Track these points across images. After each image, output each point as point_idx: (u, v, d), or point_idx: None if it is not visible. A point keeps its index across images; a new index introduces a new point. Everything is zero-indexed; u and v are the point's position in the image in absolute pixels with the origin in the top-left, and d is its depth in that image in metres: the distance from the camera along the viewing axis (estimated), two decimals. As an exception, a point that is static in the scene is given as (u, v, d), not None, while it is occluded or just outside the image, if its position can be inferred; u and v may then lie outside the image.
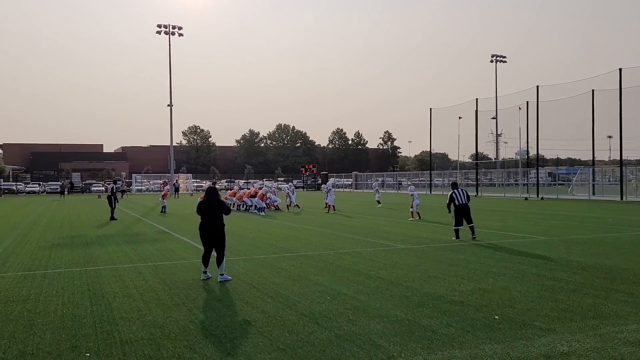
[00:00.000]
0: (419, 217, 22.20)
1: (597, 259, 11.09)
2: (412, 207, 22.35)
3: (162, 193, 31.08)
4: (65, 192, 57.14)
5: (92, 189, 72.64)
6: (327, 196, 27.43)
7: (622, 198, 37.41)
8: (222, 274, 9.15)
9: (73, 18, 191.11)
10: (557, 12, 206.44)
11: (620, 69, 37.66)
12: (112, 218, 23.49)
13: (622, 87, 37.51)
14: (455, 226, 14.63)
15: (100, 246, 14.10)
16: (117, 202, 24.85)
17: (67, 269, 10.54)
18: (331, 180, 32.69)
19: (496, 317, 6.60)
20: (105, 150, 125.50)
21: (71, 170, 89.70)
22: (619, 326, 6.14)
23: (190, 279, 9.33)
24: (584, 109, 42.46)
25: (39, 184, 76.02)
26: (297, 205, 29.09)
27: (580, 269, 9.92)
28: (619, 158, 39.85)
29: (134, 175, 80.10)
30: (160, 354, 5.35)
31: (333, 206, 27.13)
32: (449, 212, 15.12)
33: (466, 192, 14.99)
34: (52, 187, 71.62)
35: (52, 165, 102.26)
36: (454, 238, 14.56)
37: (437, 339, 5.76)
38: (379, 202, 32.16)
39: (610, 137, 50.49)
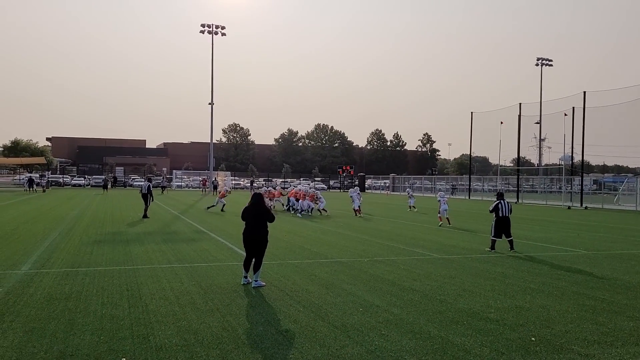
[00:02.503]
0: (449, 223, 22.00)
1: (642, 278, 10.66)
2: (439, 213, 22.40)
3: (221, 193, 31.25)
4: (108, 186, 58.85)
5: (134, 183, 74.60)
6: (354, 201, 27.27)
7: (672, 210, 35.80)
8: (257, 280, 9.25)
9: (119, 18, 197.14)
10: (606, 14, 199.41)
11: (673, 75, 36.08)
12: (145, 216, 23.20)
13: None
14: (493, 237, 14.31)
15: (139, 244, 14.47)
16: (153, 200, 24.69)
17: (107, 267, 10.87)
18: (355, 188, 32.84)
19: (533, 338, 6.44)
20: (147, 145, 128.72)
21: (115, 165, 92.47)
22: (662, 356, 5.89)
23: (225, 283, 9.47)
24: (634, 116, 40.90)
25: (84, 177, 78.59)
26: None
27: (624, 288, 9.56)
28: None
29: (174, 171, 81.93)
30: (193, 361, 5.45)
31: (358, 209, 27.00)
32: (491, 211, 14.65)
33: (510, 204, 14.62)
34: (96, 180, 73.86)
35: (97, 159, 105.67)
36: (488, 249, 14.26)
37: (470, 359, 5.66)
38: (413, 207, 31.87)
39: (661, 145, 48.37)
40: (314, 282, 9.69)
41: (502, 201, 14.42)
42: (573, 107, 44.80)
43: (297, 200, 27.32)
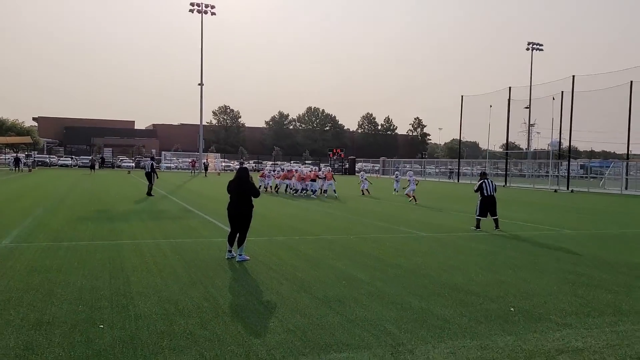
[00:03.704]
0: (415, 201, 23.85)
1: (623, 255, 10.79)
2: (407, 191, 25.12)
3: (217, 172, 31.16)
4: (96, 167, 58.35)
5: (123, 164, 74.08)
6: (364, 183, 29.11)
7: (656, 194, 36.25)
8: (241, 255, 9.23)
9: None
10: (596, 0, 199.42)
11: (662, 60, 36.21)
12: (150, 194, 23.65)
13: (663, 79, 36.10)
14: (478, 216, 14.39)
15: (124, 221, 14.38)
16: (157, 177, 24.76)
17: (90, 242, 10.79)
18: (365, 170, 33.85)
19: (512, 309, 6.49)
20: (136, 127, 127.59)
21: (103, 146, 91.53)
22: (637, 324, 5.97)
23: (210, 257, 9.44)
24: (621, 101, 41.08)
25: (72, 158, 77.83)
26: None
27: (604, 264, 9.66)
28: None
29: (163, 152, 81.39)
30: (172, 329, 5.43)
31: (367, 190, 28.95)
32: (476, 191, 14.72)
33: (494, 183, 14.72)
34: (83, 161, 73.13)
35: (84, 140, 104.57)
36: (474, 227, 14.36)
37: (449, 328, 5.70)
38: (396, 190, 30.76)
39: (647, 130, 48.77)
40: (299, 257, 9.69)
41: (485, 180, 14.51)
42: (562, 92, 44.95)
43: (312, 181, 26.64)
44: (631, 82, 39.85)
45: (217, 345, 5.02)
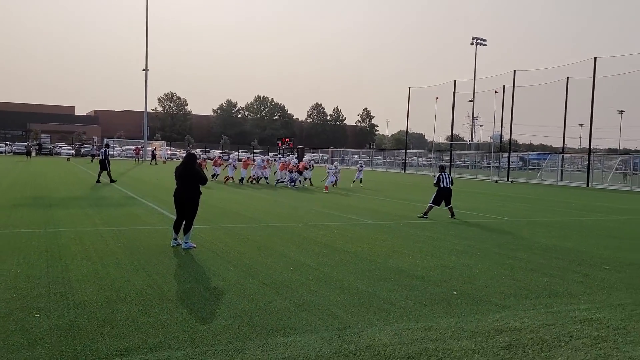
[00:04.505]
0: (361, 184, 27.70)
1: (557, 240, 11.34)
2: (355, 178, 28.35)
3: (214, 161, 29.16)
4: (32, 154, 55.62)
5: (62, 151, 70.99)
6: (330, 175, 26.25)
7: (588, 185, 38.32)
8: (187, 242, 9.03)
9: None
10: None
11: (595, 58, 38.14)
12: (98, 181, 23.31)
13: (596, 76, 38.05)
14: (431, 203, 14.96)
15: (63, 208, 13.79)
16: (109, 164, 24.09)
17: (26, 229, 10.28)
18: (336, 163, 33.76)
19: (454, 292, 6.69)
20: (77, 113, 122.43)
21: (40, 132, 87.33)
22: (570, 305, 6.29)
23: (154, 244, 9.20)
24: (559, 96, 43.04)
25: (6, 144, 73.89)
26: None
27: (541, 249, 10.12)
28: (588, 146, 40.67)
29: (105, 139, 78.48)
30: (113, 316, 5.26)
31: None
32: (435, 185, 15.23)
33: (451, 177, 15.48)
34: (19, 147, 69.67)
35: (20, 125, 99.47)
36: (422, 215, 14.74)
37: (395, 311, 5.81)
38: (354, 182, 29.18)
39: (581, 125, 51.48)
40: (246, 244, 9.60)
41: (442, 173, 15.31)
42: (504, 86, 46.57)
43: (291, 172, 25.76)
44: (567, 78, 41.78)
45: (161, 331, 4.90)
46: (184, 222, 9.14)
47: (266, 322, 5.27)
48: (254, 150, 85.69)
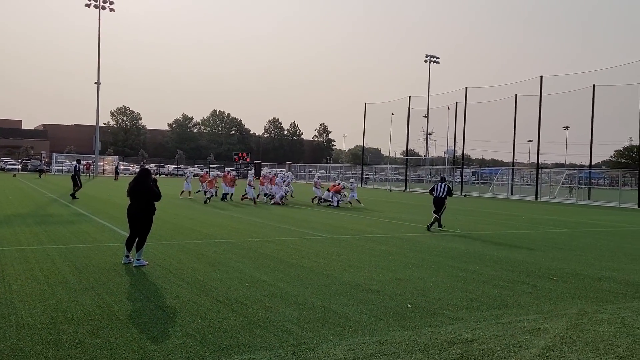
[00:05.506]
0: (359, 202, 25.71)
1: (507, 253, 11.68)
2: (349, 198, 25.54)
3: (208, 181, 25.78)
4: (-24, 169, 53.10)
5: (7, 167, 68.13)
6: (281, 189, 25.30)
7: (536, 198, 39.73)
8: (138, 259, 8.80)
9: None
10: (490, 17, 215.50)
11: (541, 77, 39.87)
12: (74, 197, 23.19)
13: (542, 94, 39.75)
14: (433, 212, 16.13)
15: (7, 226, 13.20)
16: (79, 180, 24.01)
17: (-34, 248, 9.77)
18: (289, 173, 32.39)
19: (409, 305, 6.77)
20: (24, 127, 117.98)
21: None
22: (520, 315, 6.47)
23: (104, 262, 8.91)
24: (508, 113, 44.63)
25: (-54, 159, 70.29)
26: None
27: (492, 262, 10.39)
28: (536, 161, 42.26)
29: (54, 154, 75.78)
30: (59, 338, 5.05)
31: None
32: (429, 192, 16.64)
33: (447, 187, 16.35)
34: (-40, 163, 66.41)
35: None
36: (430, 226, 15.82)
37: (350, 325, 5.82)
38: (356, 201, 26.48)
39: (530, 141, 53.43)
40: (200, 260, 9.44)
41: (438, 183, 16.40)
42: (456, 102, 47.97)
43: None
44: (516, 95, 43.44)
45: (109, 353, 4.74)
46: (136, 239, 8.93)
47: (220, 341, 5.17)
48: (210, 165, 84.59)
